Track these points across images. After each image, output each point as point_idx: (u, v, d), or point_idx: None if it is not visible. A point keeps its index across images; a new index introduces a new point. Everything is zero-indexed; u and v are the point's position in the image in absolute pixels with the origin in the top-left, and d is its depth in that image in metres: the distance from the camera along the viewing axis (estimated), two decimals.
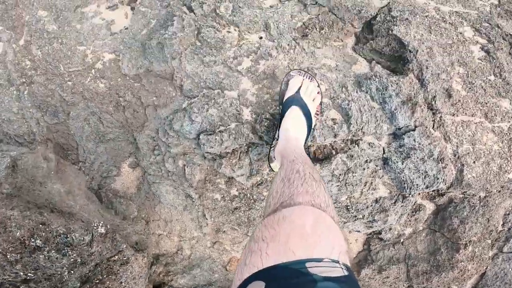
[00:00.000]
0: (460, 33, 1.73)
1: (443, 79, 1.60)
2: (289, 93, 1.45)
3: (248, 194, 1.63)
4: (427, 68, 1.59)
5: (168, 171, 1.64)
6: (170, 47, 1.58)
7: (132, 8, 1.84)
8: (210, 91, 1.57)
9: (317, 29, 1.66)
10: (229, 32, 1.63)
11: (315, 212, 0.79)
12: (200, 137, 1.52)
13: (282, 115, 1.42)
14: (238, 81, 1.57)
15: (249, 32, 1.64)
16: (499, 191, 1.78)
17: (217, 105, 1.52)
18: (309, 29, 1.66)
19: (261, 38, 1.63)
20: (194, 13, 1.65)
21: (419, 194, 1.74)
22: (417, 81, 1.59)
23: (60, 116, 1.69)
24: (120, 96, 1.66)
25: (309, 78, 1.50)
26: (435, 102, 1.59)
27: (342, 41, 1.70)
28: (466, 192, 1.72)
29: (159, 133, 1.62)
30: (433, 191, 1.73)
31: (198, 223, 1.70)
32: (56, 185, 1.53)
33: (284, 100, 1.46)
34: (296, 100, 1.43)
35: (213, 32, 1.58)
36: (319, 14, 1.70)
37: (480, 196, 1.77)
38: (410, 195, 1.67)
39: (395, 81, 1.55)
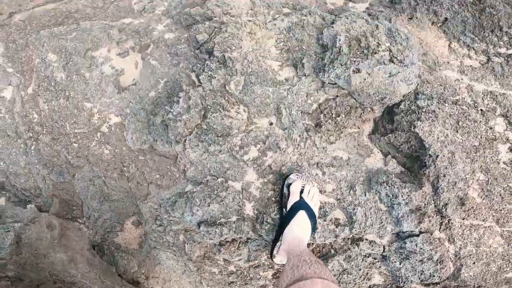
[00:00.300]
0: (490, 128, 1.58)
1: (460, 187, 1.51)
2: (293, 199, 1.44)
3: (245, 272, 1.67)
4: (444, 176, 1.49)
5: (168, 242, 1.67)
6: (174, 130, 1.50)
7: (143, 58, 1.71)
8: (214, 179, 1.52)
9: (333, 116, 1.53)
10: (238, 112, 1.52)
11: (324, 282, 0.97)
12: (201, 227, 1.52)
13: (287, 219, 1.44)
14: (243, 172, 1.52)
15: (259, 115, 1.53)
16: (495, 282, 1.79)
17: (219, 198, 1.49)
18: (324, 115, 1.54)
19: (271, 124, 1.53)
20: (202, 87, 1.53)
21: None
22: (430, 187, 1.51)
23: (66, 176, 1.69)
24: (125, 166, 1.63)
25: (308, 182, 1.47)
26: (446, 209, 1.52)
27: (358, 128, 1.58)
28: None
29: (161, 209, 1.62)
30: None
31: (196, 286, 1.78)
32: (59, 254, 1.59)
33: (289, 206, 1.44)
34: (302, 205, 1.44)
35: (220, 118, 1.48)
36: (337, 96, 1.56)
37: (474, 285, 1.78)
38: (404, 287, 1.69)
39: (406, 192, 1.47)
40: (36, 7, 1.89)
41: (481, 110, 1.61)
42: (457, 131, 1.53)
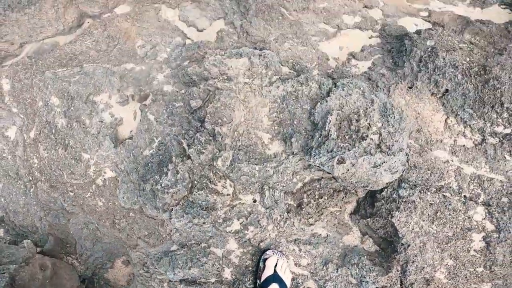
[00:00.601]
0: (469, 217, 1.62)
1: (427, 271, 1.60)
2: (268, 272, 1.57)
3: None
4: (413, 262, 1.57)
5: (153, 287, 1.83)
6: (161, 199, 1.57)
7: (141, 109, 1.75)
8: (197, 244, 1.63)
9: (316, 198, 1.59)
10: (224, 187, 1.59)
11: None
12: (181, 285, 1.65)
13: None
14: (224, 241, 1.62)
15: (244, 192, 1.59)
16: None
17: (199, 263, 1.60)
18: (307, 195, 1.59)
19: (255, 201, 1.59)
20: (191, 159, 1.58)
21: None
22: (399, 270, 1.60)
23: (61, 220, 1.81)
24: (116, 219, 1.74)
25: (282, 257, 1.59)
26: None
27: (340, 208, 1.64)
28: None
29: (148, 260, 1.75)
30: None
31: None
32: None
33: (263, 278, 1.56)
34: (275, 278, 1.57)
35: (205, 195, 1.55)
36: (322, 178, 1.60)
37: None
38: None
39: (374, 276, 1.57)
40: (46, 38, 1.89)
41: (465, 196, 1.65)
42: (433, 222, 1.58)
